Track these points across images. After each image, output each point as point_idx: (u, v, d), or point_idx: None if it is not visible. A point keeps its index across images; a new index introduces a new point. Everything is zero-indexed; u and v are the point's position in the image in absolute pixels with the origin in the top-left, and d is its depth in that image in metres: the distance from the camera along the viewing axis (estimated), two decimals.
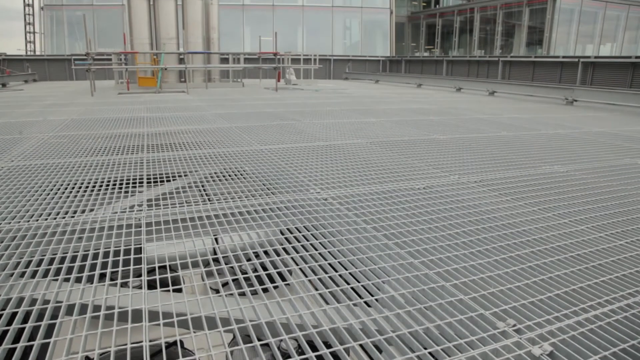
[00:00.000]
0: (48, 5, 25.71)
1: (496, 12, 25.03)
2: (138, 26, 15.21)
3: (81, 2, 25.83)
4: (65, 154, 4.33)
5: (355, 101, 10.64)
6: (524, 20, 23.61)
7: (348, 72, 24.89)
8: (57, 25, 25.98)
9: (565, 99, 11.78)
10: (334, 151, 4.54)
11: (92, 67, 12.42)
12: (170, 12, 15.39)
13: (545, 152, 4.73)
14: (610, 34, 24.75)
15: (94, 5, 25.54)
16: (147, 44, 15.32)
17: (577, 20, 22.91)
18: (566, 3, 22.19)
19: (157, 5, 15.22)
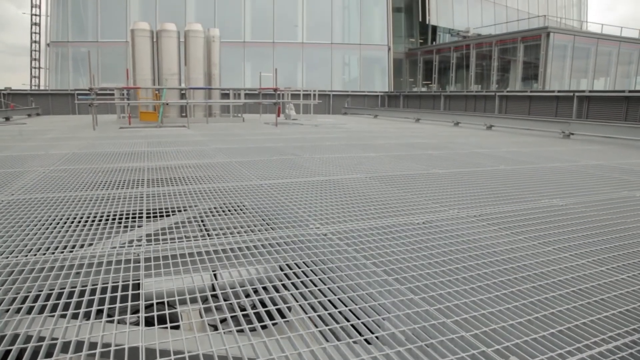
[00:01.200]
0: (54, 42, 26.32)
1: (491, 48, 25.62)
2: (141, 62, 15.53)
3: (86, 39, 26.45)
4: (65, 187, 4.34)
5: (354, 136, 10.74)
6: (519, 56, 24.14)
7: (347, 107, 25.23)
8: (62, 61, 26.53)
9: (562, 133, 11.91)
10: (334, 186, 4.56)
11: (94, 102, 12.59)
12: (173, 49, 15.75)
13: (543, 186, 4.75)
14: (603, 68, 25.30)
15: (99, 42, 26.14)
16: (149, 79, 15.61)
17: (570, 56, 23.44)
18: (559, 39, 22.76)
19: (160, 43, 15.60)
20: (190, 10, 27.00)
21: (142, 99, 15.26)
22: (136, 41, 15.45)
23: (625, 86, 25.34)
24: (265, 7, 27.45)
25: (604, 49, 24.70)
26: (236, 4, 27.32)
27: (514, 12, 33.36)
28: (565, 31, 25.66)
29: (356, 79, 28.63)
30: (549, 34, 22.07)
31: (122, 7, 26.47)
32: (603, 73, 25.60)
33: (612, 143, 10.44)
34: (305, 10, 27.81)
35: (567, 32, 25.25)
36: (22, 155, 6.67)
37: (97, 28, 26.40)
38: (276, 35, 27.21)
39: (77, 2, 27.03)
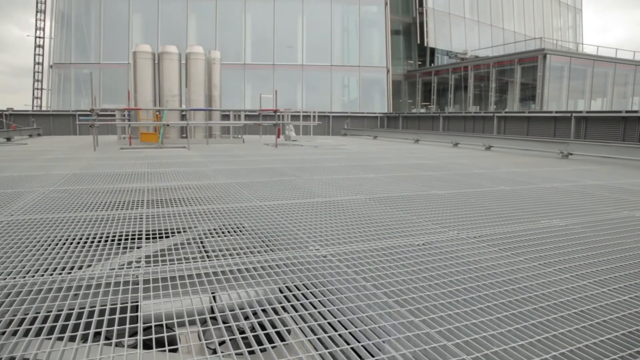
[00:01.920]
0: (57, 63, 26.63)
1: (489, 69, 25.91)
2: (142, 84, 15.69)
3: (89, 61, 26.77)
4: (65, 208, 4.34)
5: (353, 157, 10.78)
6: (516, 77, 24.40)
7: (347, 128, 25.38)
8: (64, 82, 26.79)
9: (561, 153, 11.96)
10: (333, 207, 4.56)
11: (95, 123, 12.68)
12: (174, 71, 15.93)
13: (543, 206, 4.75)
14: (599, 89, 25.57)
15: (101, 63, 26.44)
16: (150, 100, 15.74)
17: (567, 77, 23.70)
18: (556, 61, 23.05)
19: (161, 64, 15.78)
20: (191, 33, 27.39)
21: (142, 120, 15.36)
22: (138, 63, 15.63)
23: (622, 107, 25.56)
24: (266, 29, 27.86)
25: (600, 70, 25.00)
26: (237, 26, 27.73)
27: (511, 34, 33.84)
28: (562, 53, 26.01)
29: (355, 101, 28.88)
30: (546, 56, 22.36)
31: (125, 30, 26.86)
32: (600, 94, 25.87)
33: (610, 163, 10.48)
34: (305, 33, 28.22)
35: (564, 54, 25.59)
36: (22, 176, 6.68)
37: (100, 50, 26.74)
38: (276, 57, 27.55)
39: (80, 25, 27.44)
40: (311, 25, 28.43)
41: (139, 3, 27.27)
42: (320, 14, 28.25)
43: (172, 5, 27.29)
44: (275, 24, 27.73)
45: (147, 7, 27.24)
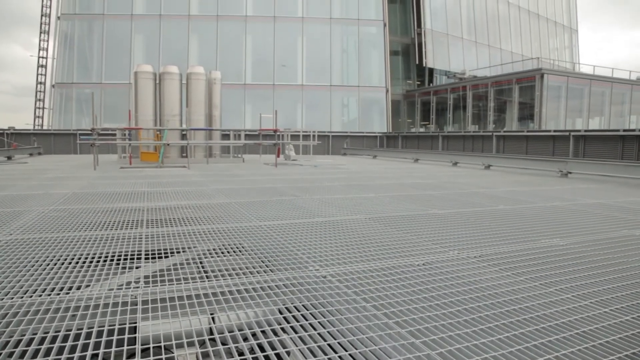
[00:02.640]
0: (59, 83, 26.89)
1: (487, 89, 26.16)
2: (143, 103, 15.81)
3: (91, 80, 27.05)
4: (64, 227, 4.33)
5: (353, 176, 10.80)
6: (514, 97, 24.61)
7: (346, 147, 25.48)
8: (66, 102, 27.03)
9: (560, 172, 11.99)
10: (333, 227, 4.55)
11: (96, 142, 12.73)
12: (175, 91, 16.07)
13: (543, 225, 4.74)
14: (597, 108, 25.79)
15: (103, 83, 26.70)
16: (151, 120, 15.84)
17: (565, 96, 23.91)
18: (553, 80, 23.29)
19: (162, 84, 15.93)
20: (192, 53, 27.73)
21: (143, 140, 15.43)
22: (139, 83, 15.78)
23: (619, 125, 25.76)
24: (266, 50, 28.22)
25: (597, 89, 25.26)
26: (237, 47, 28.10)
27: (508, 54, 34.29)
28: (559, 72, 26.30)
29: (355, 120, 29.08)
30: (543, 76, 22.60)
31: (127, 50, 27.20)
32: (597, 112, 26.08)
33: (609, 181, 10.49)
34: (305, 53, 28.57)
35: (561, 74, 25.87)
36: (21, 195, 6.68)
37: (102, 70, 27.04)
38: (276, 78, 27.84)
39: (83, 45, 27.81)
40: (311, 45, 28.82)
41: (141, 24, 27.69)
42: (320, 34, 28.66)
43: (173, 26, 27.70)
44: (275, 45, 28.10)
45: (149, 28, 27.64)
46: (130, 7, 27.48)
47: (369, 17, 29.11)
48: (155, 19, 27.49)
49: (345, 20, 29.06)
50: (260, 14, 28.12)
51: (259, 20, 28.10)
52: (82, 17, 27.74)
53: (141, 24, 27.71)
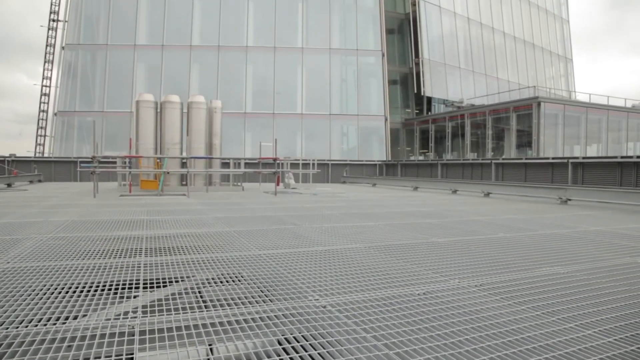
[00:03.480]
0: (61, 111, 27.19)
1: (485, 117, 26.43)
2: (144, 132, 15.94)
3: (93, 109, 27.38)
4: (62, 256, 4.30)
5: (353, 205, 10.80)
6: (512, 125, 24.85)
7: (346, 176, 25.55)
8: (67, 130, 27.27)
9: (559, 199, 11.99)
10: (333, 256, 4.53)
11: (96, 170, 12.77)
12: (176, 120, 16.22)
13: (544, 253, 4.72)
14: (594, 135, 26.03)
15: (105, 111, 26.99)
16: (151, 148, 15.94)
17: (562, 124, 24.16)
18: (550, 108, 23.57)
19: (163, 113, 16.09)
20: (194, 82, 28.14)
21: (143, 167, 15.49)
22: (140, 111, 15.94)
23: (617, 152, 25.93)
24: (266, 79, 28.65)
25: (593, 117, 25.54)
26: (238, 76, 28.53)
27: (505, 83, 34.79)
28: (556, 101, 26.64)
29: (354, 149, 29.26)
30: (540, 104, 22.88)
31: (129, 79, 27.61)
32: (595, 139, 26.31)
33: (609, 208, 10.49)
34: (305, 83, 28.99)
35: (557, 102, 26.20)
36: (20, 222, 6.66)
37: (104, 99, 27.38)
38: (276, 106, 28.16)
39: (86, 75, 28.24)
40: (311, 75, 29.26)
41: (144, 54, 28.19)
42: (320, 64, 29.14)
43: (175, 56, 28.20)
44: (275, 74, 28.54)
45: (151, 57, 28.13)
46: (133, 37, 28.03)
47: (367, 48, 29.66)
48: (158, 49, 28.00)
49: (344, 50, 29.60)
50: (261, 44, 28.66)
51: (259, 50, 28.62)
52: (85, 47, 28.27)
53: (144, 53, 28.21)
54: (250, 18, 29.10)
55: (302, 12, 29.69)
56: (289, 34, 29.24)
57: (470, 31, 33.12)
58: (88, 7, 28.96)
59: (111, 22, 28.20)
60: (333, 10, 29.89)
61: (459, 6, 32.47)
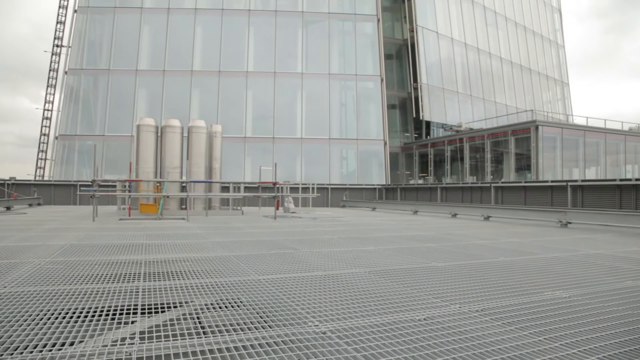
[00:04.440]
0: (63, 135, 27.36)
1: (484, 141, 26.58)
2: (145, 155, 16.00)
3: (94, 133, 27.55)
4: (60, 280, 4.27)
5: (353, 229, 10.76)
6: (510, 148, 24.97)
7: (345, 200, 25.53)
8: (68, 153, 27.38)
9: (559, 222, 11.97)
10: (333, 281, 4.50)
11: (96, 194, 12.77)
12: (176, 144, 16.31)
13: (545, 277, 4.68)
14: (592, 158, 26.14)
15: (106, 135, 27.16)
16: (151, 172, 15.98)
17: (560, 147, 24.28)
18: (548, 132, 23.73)
19: (164, 137, 16.18)
20: (194, 107, 28.40)
21: (143, 191, 15.49)
22: (141, 136, 16.04)
23: (615, 175, 26.00)
24: (266, 104, 28.91)
25: (591, 140, 25.70)
26: (238, 101, 28.82)
27: (503, 107, 35.12)
28: (553, 124, 26.85)
29: (354, 172, 29.33)
30: (538, 127, 23.05)
31: (130, 104, 27.88)
32: (593, 162, 26.41)
33: (609, 231, 10.46)
34: (304, 107, 29.25)
35: (555, 125, 26.40)
36: (18, 246, 6.62)
37: (105, 123, 27.59)
38: (276, 131, 28.35)
39: (87, 99, 28.54)
40: (310, 100, 29.56)
41: (145, 79, 28.54)
42: (319, 89, 29.47)
43: (176, 81, 28.54)
44: (275, 99, 28.83)
45: (152, 82, 28.47)
46: (135, 62, 28.42)
47: (366, 73, 30.05)
48: (159, 74, 28.36)
49: (343, 75, 29.98)
50: (261, 69, 29.04)
51: (259, 75, 28.98)
52: (88, 72, 28.65)
53: (145, 78, 28.56)
54: (251, 44, 29.56)
55: (302, 38, 30.18)
56: (288, 60, 29.66)
57: (468, 56, 33.62)
58: (91, 33, 29.46)
59: (114, 47, 28.64)
60: (332, 36, 30.40)
61: (456, 32, 33.04)
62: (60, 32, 31.35)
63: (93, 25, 29.61)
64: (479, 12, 35.15)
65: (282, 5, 30.22)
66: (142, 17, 29.11)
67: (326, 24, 30.25)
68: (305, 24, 30.32)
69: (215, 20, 29.34)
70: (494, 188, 17.95)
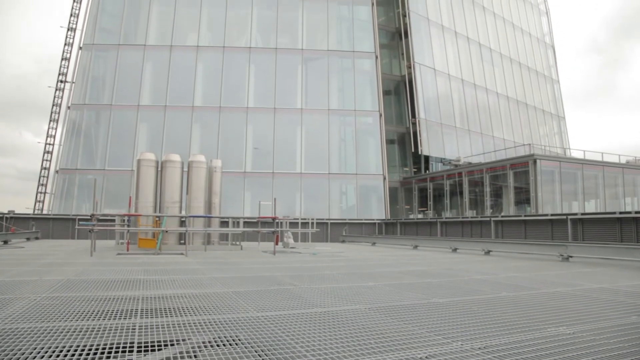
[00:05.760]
0: (63, 169, 27.47)
1: (483, 175, 26.69)
2: (144, 190, 16.00)
3: (94, 167, 27.70)
4: (55, 317, 4.19)
5: (352, 264, 10.67)
6: (509, 182, 25.05)
7: (345, 234, 25.40)
8: (68, 187, 27.43)
9: (561, 255, 11.88)
10: (332, 318, 4.43)
11: (94, 228, 12.70)
12: (176, 178, 16.34)
13: (548, 313, 4.61)
14: (591, 191, 26.17)
15: (106, 169, 27.28)
16: (151, 206, 15.95)
17: (558, 180, 24.35)
18: (546, 165, 23.86)
19: (164, 172, 16.23)
20: (195, 141, 28.64)
21: (142, 226, 15.41)
22: (141, 170, 16.09)
23: (615, 207, 25.96)
24: (266, 139, 29.17)
25: (589, 173, 25.81)
26: (238, 136, 29.09)
27: (501, 141, 35.44)
28: (551, 158, 27.03)
29: (353, 207, 29.28)
30: (536, 161, 23.19)
31: (131, 138, 28.14)
32: (592, 195, 26.42)
33: (611, 265, 10.37)
34: (304, 142, 29.50)
35: (553, 159, 26.58)
36: (14, 281, 6.54)
37: (106, 157, 27.77)
38: (276, 166, 28.48)
39: (89, 133, 28.84)
40: (310, 135, 29.85)
41: (147, 114, 28.93)
42: (319, 124, 29.79)
43: (177, 116, 28.91)
44: (275, 134, 29.10)
45: (154, 117, 28.84)
46: (137, 98, 28.86)
47: (365, 108, 30.46)
48: (161, 110, 28.74)
49: (342, 111, 30.39)
50: (261, 105, 29.45)
51: (259, 111, 29.36)
52: (90, 107, 29.08)
53: (147, 114, 28.94)
54: (251, 80, 30.10)
55: (302, 75, 30.74)
56: (288, 96, 30.12)
57: (465, 92, 34.18)
58: (95, 69, 30.05)
59: (116, 83, 29.15)
60: (331, 72, 30.98)
61: (453, 68, 33.70)
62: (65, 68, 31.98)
63: (97, 61, 30.25)
64: (474, 49, 35.98)
65: (282, 43, 30.94)
66: (145, 53, 29.75)
67: (325, 61, 30.88)
68: (305, 61, 30.96)
69: (216, 57, 29.98)
70: (494, 222, 17.90)
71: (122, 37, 30.24)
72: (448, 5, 35.15)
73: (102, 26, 30.75)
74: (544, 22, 46.37)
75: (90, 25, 30.15)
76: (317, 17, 31.96)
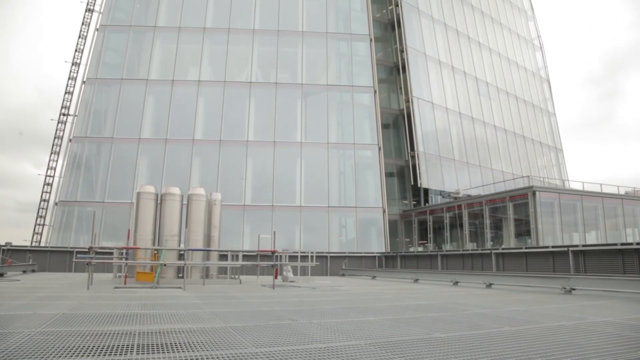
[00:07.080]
0: (62, 201, 27.48)
1: (482, 207, 26.68)
2: (143, 223, 15.94)
3: (94, 199, 27.71)
4: (49, 353, 4.11)
5: (353, 299, 10.54)
6: (509, 214, 25.01)
7: (345, 268, 25.16)
8: (67, 219, 27.37)
9: (563, 288, 11.74)
10: (332, 354, 4.35)
11: (92, 261, 12.58)
12: (175, 211, 16.31)
13: (552, 348, 4.53)
14: (591, 222, 26.11)
15: (105, 202, 27.28)
16: (150, 239, 15.85)
17: (558, 212, 24.33)
18: (545, 197, 23.90)
19: (163, 205, 16.21)
20: (194, 174, 28.75)
21: (140, 259, 15.27)
22: (141, 203, 16.08)
23: (616, 239, 25.83)
24: (266, 172, 29.30)
25: (589, 204, 25.81)
26: (238, 169, 29.23)
27: (500, 173, 35.60)
28: (550, 189, 27.10)
29: (353, 240, 29.11)
30: (535, 193, 23.23)
31: (131, 171, 28.26)
32: (592, 226, 26.35)
33: (614, 297, 10.24)
34: (303, 176, 29.60)
35: (552, 190, 26.64)
36: (8, 315, 6.44)
37: (106, 190, 27.82)
38: (275, 199, 28.48)
39: (90, 166, 28.99)
40: (309, 168, 29.98)
41: (147, 147, 29.16)
42: (318, 158, 29.97)
43: (178, 149, 29.13)
44: (274, 168, 29.24)
45: (154, 150, 29.06)
46: (139, 131, 29.15)
47: (364, 142, 30.73)
48: (161, 143, 28.98)
49: (341, 144, 30.65)
50: (261, 139, 29.72)
51: (259, 144, 29.60)
52: (92, 139, 29.36)
53: (147, 147, 29.17)
54: (252, 114, 30.47)
55: (301, 109, 31.15)
56: (288, 129, 30.42)
57: (463, 125, 34.56)
58: (97, 103, 30.50)
59: (118, 116, 29.52)
60: (331, 106, 31.39)
61: (450, 102, 34.20)
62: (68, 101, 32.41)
63: (99, 95, 30.73)
64: (471, 83, 36.61)
65: (282, 77, 31.49)
66: (147, 88, 30.24)
67: (325, 95, 31.35)
68: (305, 95, 31.43)
69: (217, 91, 30.46)
70: (495, 255, 17.77)
71: (125, 71, 30.81)
72: (444, 41, 35.98)
73: (105, 61, 31.39)
74: (538, 57, 47.40)
75: (94, 60, 30.76)
76: (317, 53, 32.66)
